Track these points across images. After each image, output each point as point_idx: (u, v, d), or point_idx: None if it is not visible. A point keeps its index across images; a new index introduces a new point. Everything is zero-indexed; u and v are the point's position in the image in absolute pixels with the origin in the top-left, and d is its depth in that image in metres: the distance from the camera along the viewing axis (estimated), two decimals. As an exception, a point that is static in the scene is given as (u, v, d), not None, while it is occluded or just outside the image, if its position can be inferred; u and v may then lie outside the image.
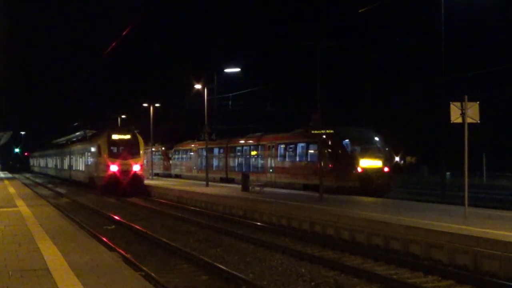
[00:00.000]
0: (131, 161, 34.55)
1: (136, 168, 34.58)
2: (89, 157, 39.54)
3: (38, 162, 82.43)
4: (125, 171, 34.07)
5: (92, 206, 26.70)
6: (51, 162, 64.20)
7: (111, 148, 35.21)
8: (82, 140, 47.36)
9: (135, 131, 37.37)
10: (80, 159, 43.18)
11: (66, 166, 51.17)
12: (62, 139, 64.59)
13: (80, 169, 43.21)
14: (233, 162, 38.68)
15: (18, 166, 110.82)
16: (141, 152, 35.92)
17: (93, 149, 37.76)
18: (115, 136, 35.74)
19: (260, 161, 34.72)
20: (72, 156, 47.38)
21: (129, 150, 35.08)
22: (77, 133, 55.60)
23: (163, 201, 29.39)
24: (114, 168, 34.12)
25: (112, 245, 14.00)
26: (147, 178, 41.18)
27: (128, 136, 36.01)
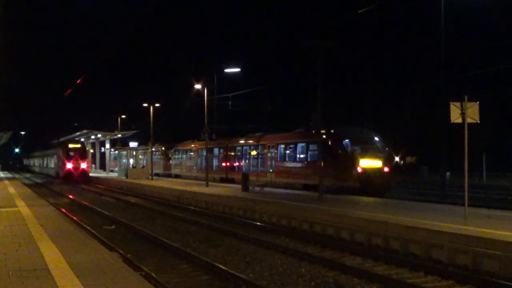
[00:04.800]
0: (80, 161, 53.62)
1: (83, 165, 53.84)
2: (55, 159, 58.75)
3: (29, 162, 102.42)
4: (76, 167, 53.25)
5: (91, 206, 26.70)
6: (37, 162, 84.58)
7: (68, 153, 53.86)
8: (54, 146, 64.82)
9: (84, 143, 59.53)
10: (52, 160, 62.67)
11: (45, 165, 70.74)
12: (53, 142, 77.54)
13: (52, 166, 62.48)
14: (233, 162, 38.68)
15: (18, 166, 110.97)
16: (86, 156, 55.74)
17: (58, 154, 56.88)
18: (70, 146, 55.11)
19: (260, 161, 34.71)
20: (48, 158, 67.34)
21: (79, 154, 53.98)
22: (53, 141, 72.39)
23: (163, 201, 29.40)
24: (69, 165, 53.16)
25: (112, 245, 14.00)
26: (147, 179, 44.99)
27: (79, 146, 55.79)
